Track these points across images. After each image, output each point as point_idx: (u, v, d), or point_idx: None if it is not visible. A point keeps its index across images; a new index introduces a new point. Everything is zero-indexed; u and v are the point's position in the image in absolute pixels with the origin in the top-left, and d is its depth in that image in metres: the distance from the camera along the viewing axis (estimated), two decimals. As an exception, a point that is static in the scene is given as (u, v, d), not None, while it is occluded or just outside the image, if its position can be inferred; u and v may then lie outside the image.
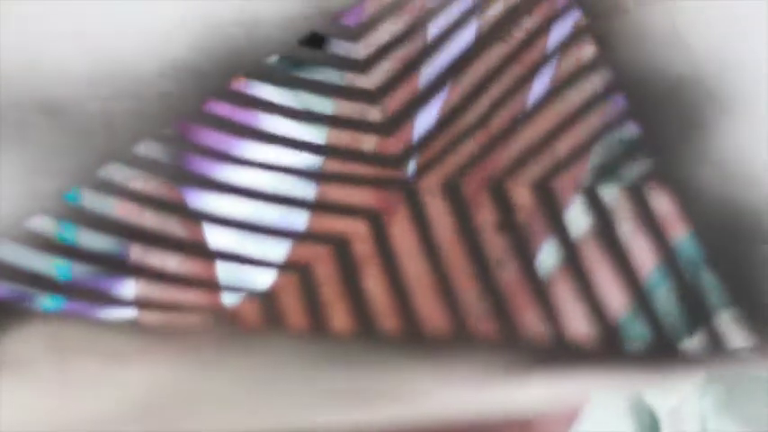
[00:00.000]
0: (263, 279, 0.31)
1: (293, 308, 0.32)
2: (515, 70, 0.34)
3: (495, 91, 0.34)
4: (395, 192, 0.33)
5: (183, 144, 0.33)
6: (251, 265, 0.32)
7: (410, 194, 0.33)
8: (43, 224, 0.31)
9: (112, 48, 0.34)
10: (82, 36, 0.34)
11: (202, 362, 0.30)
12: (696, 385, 0.32)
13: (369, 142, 0.33)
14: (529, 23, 0.35)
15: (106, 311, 0.31)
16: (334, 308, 0.32)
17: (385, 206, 0.33)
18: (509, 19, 0.35)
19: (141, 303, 0.31)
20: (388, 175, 0.33)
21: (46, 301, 0.31)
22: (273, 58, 0.34)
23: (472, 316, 0.32)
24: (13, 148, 0.32)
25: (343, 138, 0.33)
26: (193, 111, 0.33)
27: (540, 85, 0.34)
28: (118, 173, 0.32)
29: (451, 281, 0.32)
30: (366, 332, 0.31)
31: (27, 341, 0.30)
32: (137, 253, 0.31)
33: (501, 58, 0.34)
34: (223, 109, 0.33)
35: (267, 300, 0.32)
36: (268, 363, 0.30)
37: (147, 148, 0.33)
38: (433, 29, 0.34)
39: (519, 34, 0.35)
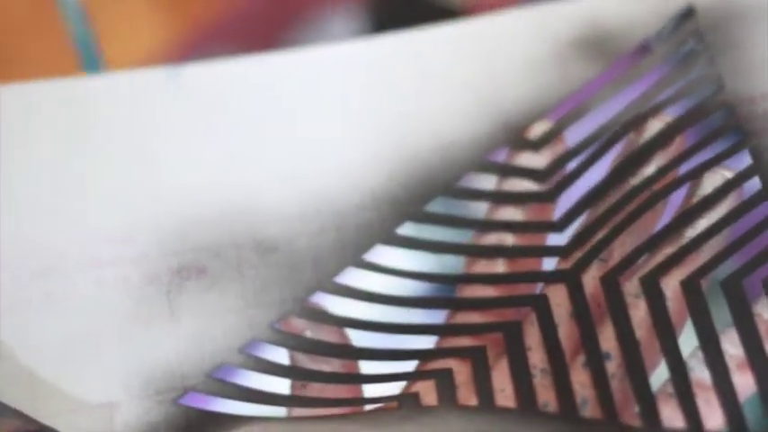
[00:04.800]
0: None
1: (465, 386, 0.33)
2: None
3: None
4: (557, 282, 0.34)
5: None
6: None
7: (573, 287, 0.34)
8: (261, 350, 0.34)
9: (319, 185, 0.36)
10: (293, 178, 0.37)
11: None
12: None
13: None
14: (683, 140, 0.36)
15: None
16: (500, 386, 0.33)
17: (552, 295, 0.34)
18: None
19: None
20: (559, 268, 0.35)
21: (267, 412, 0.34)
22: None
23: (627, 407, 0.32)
24: (231, 284, 0.35)
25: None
26: (389, 236, 0.36)
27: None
28: (325, 300, 0.35)
29: (606, 373, 0.33)
30: (528, 409, 0.32)
31: None
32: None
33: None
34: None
35: (443, 379, 0.33)
36: None
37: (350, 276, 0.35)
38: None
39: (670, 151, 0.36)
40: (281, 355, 0.34)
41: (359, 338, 0.34)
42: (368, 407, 0.33)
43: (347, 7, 0.45)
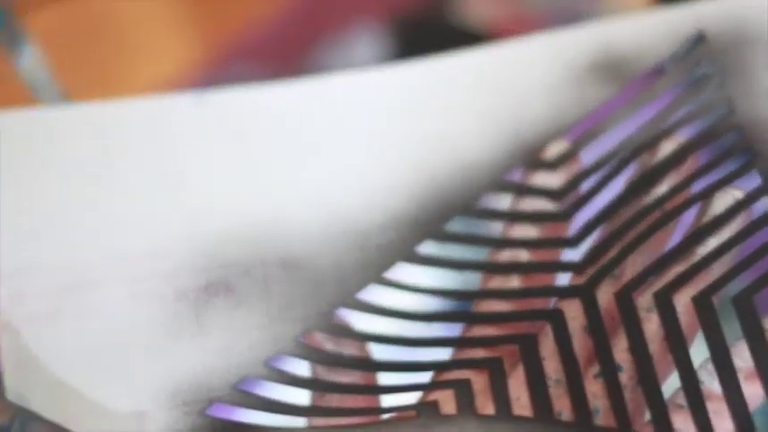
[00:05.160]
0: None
1: (483, 395, 0.34)
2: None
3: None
4: (572, 297, 0.35)
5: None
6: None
7: (588, 302, 0.35)
8: (285, 363, 0.35)
9: (343, 207, 0.37)
10: (318, 199, 0.38)
11: None
12: None
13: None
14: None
15: None
16: (516, 395, 0.34)
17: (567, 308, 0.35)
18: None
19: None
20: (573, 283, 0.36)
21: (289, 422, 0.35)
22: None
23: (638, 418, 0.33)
24: (258, 301, 0.37)
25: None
26: (409, 254, 0.37)
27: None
28: (348, 316, 0.36)
29: (619, 384, 0.34)
30: (544, 418, 0.34)
31: None
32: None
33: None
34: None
35: (461, 388, 0.34)
36: None
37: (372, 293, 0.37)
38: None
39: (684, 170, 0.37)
40: (303, 368, 0.35)
41: (379, 352, 0.35)
42: (386, 416, 0.34)
43: (371, 30, 0.46)
